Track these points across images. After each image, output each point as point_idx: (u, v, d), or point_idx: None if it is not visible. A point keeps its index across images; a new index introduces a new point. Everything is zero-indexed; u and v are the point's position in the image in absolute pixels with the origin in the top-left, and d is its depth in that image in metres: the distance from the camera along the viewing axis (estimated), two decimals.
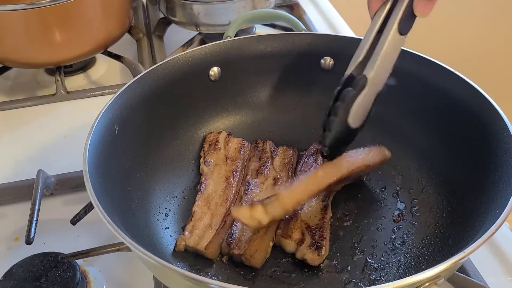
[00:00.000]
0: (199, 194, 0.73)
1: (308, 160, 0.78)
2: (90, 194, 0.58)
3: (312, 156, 0.78)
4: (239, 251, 0.64)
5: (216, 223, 0.69)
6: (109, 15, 1.01)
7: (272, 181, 0.74)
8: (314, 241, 0.65)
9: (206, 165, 0.77)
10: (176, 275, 0.51)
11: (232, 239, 0.66)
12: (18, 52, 0.97)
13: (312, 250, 0.64)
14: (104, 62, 1.14)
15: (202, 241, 0.67)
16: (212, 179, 0.75)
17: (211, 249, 0.66)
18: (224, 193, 0.73)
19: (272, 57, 0.84)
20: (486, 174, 0.64)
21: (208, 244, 0.66)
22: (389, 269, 0.65)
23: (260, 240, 0.65)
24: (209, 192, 0.73)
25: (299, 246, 0.65)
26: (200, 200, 0.72)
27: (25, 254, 0.66)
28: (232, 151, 0.79)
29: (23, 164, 0.88)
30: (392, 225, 0.70)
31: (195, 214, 0.70)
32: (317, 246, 0.65)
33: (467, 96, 0.71)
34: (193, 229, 0.68)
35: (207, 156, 0.78)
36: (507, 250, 0.71)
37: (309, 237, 0.66)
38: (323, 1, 1.32)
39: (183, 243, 0.67)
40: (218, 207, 0.71)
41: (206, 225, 0.69)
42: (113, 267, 0.70)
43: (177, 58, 0.80)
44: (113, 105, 0.71)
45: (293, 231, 0.67)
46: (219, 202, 0.72)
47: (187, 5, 1.07)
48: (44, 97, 1.02)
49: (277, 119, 0.86)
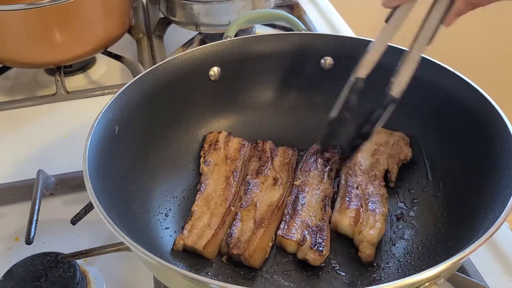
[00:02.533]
0: (199, 194, 0.73)
1: (308, 161, 0.78)
2: (90, 194, 0.58)
3: (313, 157, 0.78)
4: (238, 251, 0.65)
5: (215, 223, 0.69)
6: (109, 15, 1.01)
7: (272, 181, 0.74)
8: (315, 241, 0.65)
9: (206, 165, 0.77)
10: (176, 275, 0.52)
11: (231, 239, 0.66)
12: (18, 52, 0.97)
13: (313, 250, 0.64)
14: (104, 62, 1.14)
15: (201, 240, 0.67)
16: (212, 179, 0.75)
17: (210, 248, 0.66)
18: (223, 193, 0.73)
19: (272, 57, 0.84)
20: (486, 174, 0.64)
21: (207, 244, 0.66)
22: (389, 269, 0.65)
23: (259, 240, 0.65)
24: (208, 192, 0.73)
25: (300, 246, 0.65)
26: (200, 199, 0.72)
27: (25, 254, 0.66)
28: (232, 151, 0.79)
29: (23, 164, 0.88)
30: (392, 225, 0.70)
31: (194, 214, 0.70)
32: (318, 246, 0.65)
33: (467, 96, 0.71)
34: (192, 229, 0.68)
35: (207, 156, 0.78)
36: (507, 250, 0.71)
37: (310, 237, 0.66)
38: (323, 1, 1.32)
39: (181, 242, 0.67)
40: (217, 207, 0.71)
41: (205, 224, 0.69)
42: (113, 267, 0.70)
43: (177, 58, 0.80)
44: (113, 105, 0.71)
45: (294, 232, 0.67)
46: (218, 202, 0.72)
47: (187, 5, 1.07)
48: (44, 97, 1.02)
49: (277, 119, 0.86)
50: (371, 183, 0.72)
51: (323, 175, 0.75)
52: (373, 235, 0.66)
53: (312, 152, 0.79)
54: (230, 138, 0.81)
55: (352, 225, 0.67)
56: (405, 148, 0.77)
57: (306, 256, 0.65)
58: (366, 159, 0.75)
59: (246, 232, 0.67)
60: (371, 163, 0.75)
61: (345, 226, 0.68)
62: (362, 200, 0.70)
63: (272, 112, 0.86)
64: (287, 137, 0.83)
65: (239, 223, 0.68)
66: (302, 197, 0.72)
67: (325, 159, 0.78)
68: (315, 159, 0.78)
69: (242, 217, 0.69)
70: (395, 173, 0.75)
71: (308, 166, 0.77)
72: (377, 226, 0.66)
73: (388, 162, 0.75)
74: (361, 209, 0.68)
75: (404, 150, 0.76)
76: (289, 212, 0.70)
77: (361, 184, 0.72)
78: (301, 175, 0.75)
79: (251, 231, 0.67)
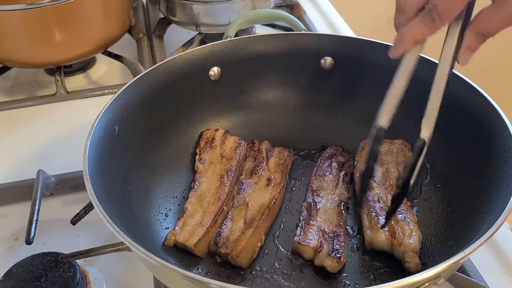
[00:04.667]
0: (192, 191, 0.73)
1: (323, 165, 0.77)
2: (90, 194, 0.58)
3: (327, 161, 0.77)
4: (226, 250, 0.65)
5: (207, 222, 0.69)
6: (109, 15, 1.01)
7: (266, 181, 0.74)
8: (333, 248, 0.64)
9: (201, 163, 0.77)
10: (176, 275, 0.51)
11: (220, 238, 0.66)
12: (18, 52, 0.97)
13: (331, 257, 0.63)
14: (104, 62, 1.14)
15: (192, 238, 0.67)
16: (206, 177, 0.75)
17: (200, 247, 0.66)
18: (217, 191, 0.73)
19: (272, 57, 0.84)
20: (486, 174, 0.64)
21: (198, 242, 0.66)
22: (389, 269, 0.64)
23: (248, 241, 0.65)
24: (202, 190, 0.73)
25: (318, 253, 0.64)
26: (193, 197, 0.72)
27: (25, 254, 0.66)
28: (228, 150, 0.79)
29: (23, 164, 0.88)
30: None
31: (187, 211, 0.70)
32: (336, 252, 0.64)
33: (467, 96, 0.71)
34: (184, 225, 0.68)
35: (202, 153, 0.78)
36: (507, 250, 0.71)
37: (327, 244, 0.65)
38: (323, 1, 1.32)
39: (173, 238, 0.67)
40: (210, 205, 0.71)
41: (197, 222, 0.69)
42: (113, 267, 0.70)
43: (177, 58, 0.80)
44: (113, 105, 0.71)
45: (311, 238, 0.66)
46: (211, 200, 0.72)
47: (187, 5, 1.07)
48: (44, 97, 1.02)
49: (277, 119, 0.86)
50: (389, 193, 0.70)
51: (338, 179, 0.74)
52: (415, 243, 0.64)
53: (326, 157, 0.78)
54: (226, 137, 0.81)
55: (390, 238, 0.65)
56: (410, 153, 0.76)
57: (323, 263, 0.64)
58: (377, 171, 0.74)
59: (236, 232, 0.67)
60: (382, 173, 0.74)
61: (383, 241, 0.65)
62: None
63: (272, 112, 0.86)
64: (287, 137, 0.83)
65: (229, 222, 0.68)
66: (318, 202, 0.70)
67: (339, 163, 0.77)
68: (330, 164, 0.77)
69: (233, 217, 0.69)
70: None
71: (322, 170, 0.76)
72: (414, 234, 0.64)
73: (398, 170, 0.74)
74: (392, 221, 0.66)
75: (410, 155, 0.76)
76: (304, 217, 0.69)
77: (381, 196, 0.70)
78: (316, 180, 0.74)
79: (241, 231, 0.67)
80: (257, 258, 0.67)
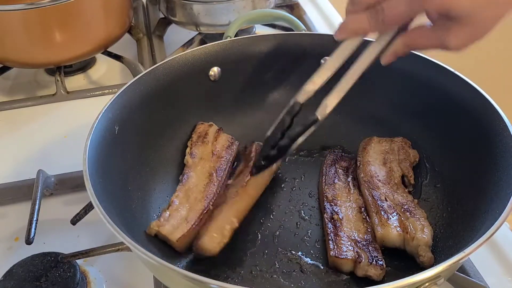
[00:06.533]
0: (180, 185, 0.73)
1: (329, 173, 0.75)
2: (90, 194, 0.58)
3: (332, 168, 0.76)
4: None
5: (192, 218, 0.68)
6: (109, 15, 1.01)
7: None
8: (372, 256, 0.63)
9: (192, 157, 0.76)
10: (176, 275, 0.52)
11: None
12: (18, 52, 0.97)
13: (373, 265, 0.62)
14: (104, 62, 1.14)
15: (176, 232, 0.66)
16: (195, 172, 0.75)
17: (182, 242, 0.66)
18: (205, 189, 0.72)
19: (272, 57, 0.84)
20: (486, 174, 0.64)
21: (181, 237, 0.66)
22: (389, 269, 0.64)
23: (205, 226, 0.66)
24: (190, 185, 0.73)
25: (358, 264, 0.62)
26: (181, 191, 0.72)
27: (25, 254, 0.66)
28: (219, 148, 0.79)
29: (23, 164, 0.88)
30: None
31: (173, 204, 0.70)
32: (377, 260, 0.62)
33: (467, 96, 0.71)
34: (169, 218, 0.68)
35: (193, 147, 0.78)
36: (507, 250, 0.71)
37: (364, 253, 0.63)
38: (323, 1, 1.32)
39: (156, 228, 0.67)
40: (197, 202, 0.70)
41: (183, 217, 0.68)
42: (113, 267, 0.70)
43: (177, 58, 0.80)
44: (113, 105, 0.71)
45: (346, 250, 0.64)
46: (198, 197, 0.71)
47: (187, 5, 1.07)
48: (44, 97, 1.02)
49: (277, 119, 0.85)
50: (396, 192, 0.71)
51: (348, 185, 0.74)
52: (428, 237, 0.63)
53: (330, 163, 0.77)
54: (219, 134, 0.80)
55: (402, 234, 0.64)
56: (411, 150, 0.76)
57: (367, 272, 0.62)
58: (380, 170, 0.74)
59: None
60: (386, 172, 0.74)
61: (395, 237, 0.64)
62: (397, 209, 0.68)
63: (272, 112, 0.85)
64: None
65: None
66: (338, 212, 0.69)
67: (343, 168, 0.77)
68: (336, 170, 0.76)
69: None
70: (413, 176, 0.74)
71: (330, 178, 0.75)
72: (426, 229, 0.64)
73: (401, 168, 0.74)
74: (402, 217, 0.66)
75: (411, 152, 0.76)
76: (331, 229, 0.67)
77: (388, 195, 0.70)
78: (328, 189, 0.73)
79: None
80: (257, 258, 0.67)
